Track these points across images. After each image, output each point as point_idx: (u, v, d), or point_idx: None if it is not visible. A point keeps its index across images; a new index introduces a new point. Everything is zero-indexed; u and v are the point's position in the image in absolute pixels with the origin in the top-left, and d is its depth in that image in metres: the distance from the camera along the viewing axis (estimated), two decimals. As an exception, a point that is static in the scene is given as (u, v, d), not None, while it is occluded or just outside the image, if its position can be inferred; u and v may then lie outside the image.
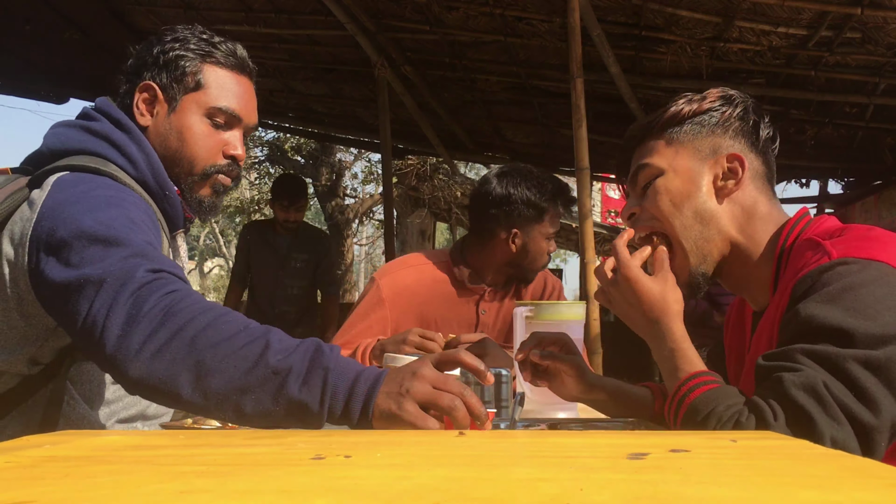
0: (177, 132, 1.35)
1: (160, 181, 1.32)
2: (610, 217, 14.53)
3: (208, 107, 1.37)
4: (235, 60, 1.40)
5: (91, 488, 0.58)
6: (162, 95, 1.36)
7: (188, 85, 1.36)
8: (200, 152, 1.36)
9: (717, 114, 1.26)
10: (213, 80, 1.38)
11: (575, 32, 3.51)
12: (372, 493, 0.55)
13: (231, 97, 1.39)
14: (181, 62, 1.36)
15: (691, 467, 0.64)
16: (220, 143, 1.39)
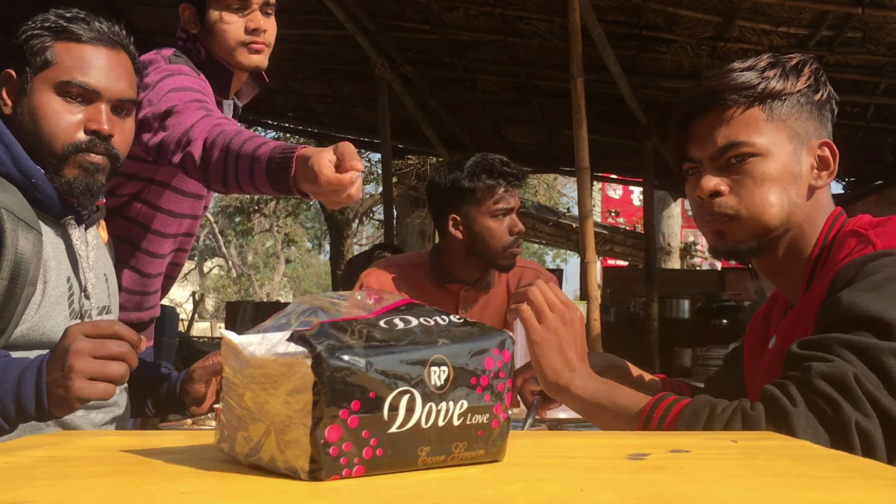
0: (30, 114, 1.30)
1: (23, 170, 1.27)
2: (610, 217, 14.54)
3: (57, 81, 1.30)
4: (93, 33, 1.34)
5: (91, 488, 0.58)
6: (16, 80, 1.32)
7: (37, 64, 1.31)
8: (55, 130, 1.29)
9: (812, 93, 1.13)
10: (63, 55, 1.32)
11: (575, 32, 3.51)
12: (372, 493, 0.55)
13: (85, 70, 1.31)
14: (31, 42, 1.32)
15: (691, 467, 0.64)
16: (80, 120, 1.31)
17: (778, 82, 1.12)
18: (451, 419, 0.61)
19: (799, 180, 1.12)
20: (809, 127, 1.14)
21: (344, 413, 0.57)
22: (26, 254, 1.23)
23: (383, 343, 0.61)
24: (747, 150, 1.11)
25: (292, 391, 0.58)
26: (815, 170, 1.14)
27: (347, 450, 0.57)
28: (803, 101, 1.13)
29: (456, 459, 0.63)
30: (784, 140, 1.12)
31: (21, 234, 1.23)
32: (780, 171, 1.11)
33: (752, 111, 1.12)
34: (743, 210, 1.11)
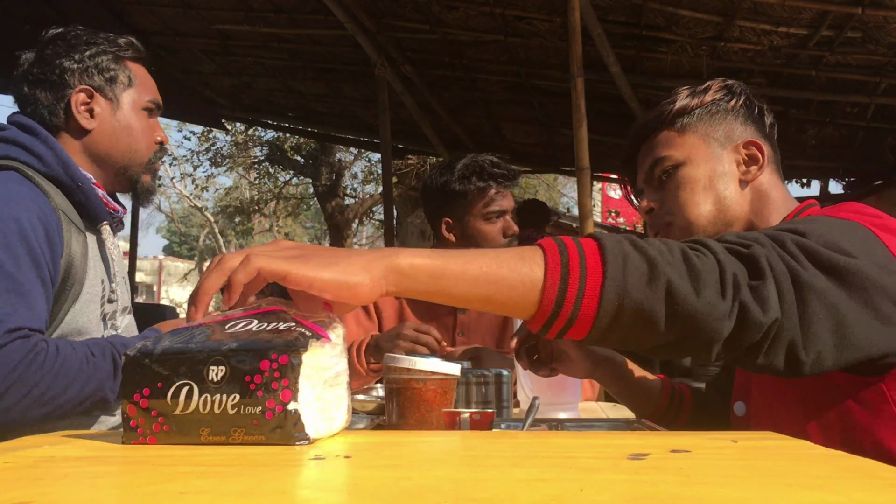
0: (125, 128, 1.47)
1: (71, 174, 1.37)
2: (610, 217, 14.54)
3: (144, 101, 1.49)
4: (139, 53, 1.53)
5: (91, 488, 0.58)
6: (100, 96, 1.45)
7: (123, 83, 1.47)
8: (143, 144, 1.48)
9: (724, 102, 1.25)
10: (138, 74, 1.51)
11: (575, 32, 3.51)
12: (372, 493, 0.55)
13: (151, 88, 1.52)
14: (106, 63, 1.46)
15: (691, 468, 0.64)
16: (153, 132, 1.51)
17: (682, 102, 1.25)
18: (225, 408, 0.76)
19: (725, 177, 1.21)
20: (728, 130, 1.23)
21: (137, 396, 0.78)
22: (77, 255, 1.34)
23: (182, 346, 0.78)
24: (667, 163, 1.23)
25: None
26: (742, 166, 1.22)
27: (142, 423, 0.77)
28: (714, 110, 1.24)
29: (237, 441, 0.76)
30: (699, 146, 1.22)
31: (74, 236, 1.35)
32: (702, 174, 1.21)
33: (665, 132, 1.26)
34: (675, 217, 1.21)
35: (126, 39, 1.51)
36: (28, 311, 1.20)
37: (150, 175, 1.52)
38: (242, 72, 6.00)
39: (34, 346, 1.17)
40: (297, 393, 0.76)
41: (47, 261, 1.26)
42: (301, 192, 16.48)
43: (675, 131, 1.25)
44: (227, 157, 13.31)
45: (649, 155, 1.27)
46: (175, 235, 31.86)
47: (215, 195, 19.07)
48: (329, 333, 0.82)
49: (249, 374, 0.76)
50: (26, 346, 1.16)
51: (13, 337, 1.16)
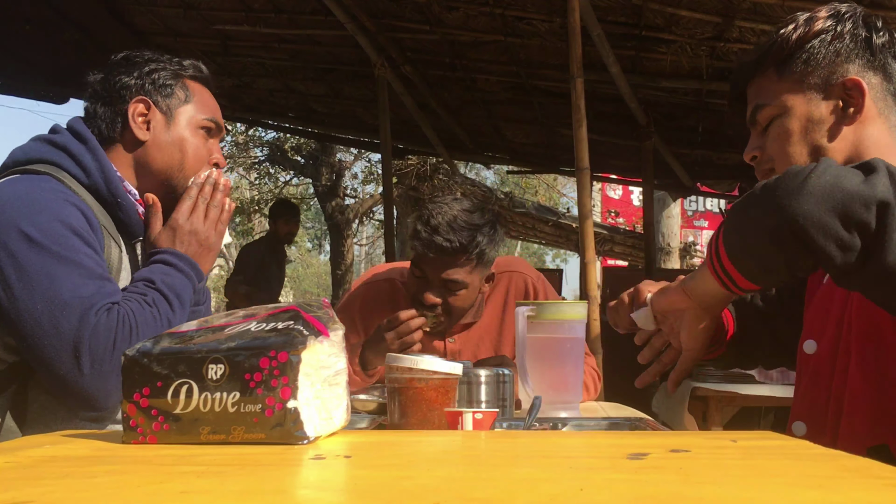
0: (178, 143, 1.46)
1: (112, 189, 1.39)
2: (610, 217, 14.54)
3: (202, 118, 1.49)
4: (204, 75, 1.53)
5: (91, 488, 0.58)
6: (156, 109, 1.46)
7: (180, 98, 1.47)
8: (196, 162, 1.47)
9: (829, 36, 1.18)
10: (197, 93, 1.50)
11: (575, 32, 3.51)
12: (372, 493, 0.55)
13: (213, 109, 1.52)
14: (165, 80, 1.47)
15: (691, 467, 0.64)
16: (209, 152, 1.50)
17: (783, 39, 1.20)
18: (225, 406, 0.76)
19: (822, 125, 1.17)
20: (829, 70, 1.18)
21: (136, 396, 0.78)
22: (113, 266, 1.37)
23: (181, 345, 0.79)
24: (766, 112, 1.21)
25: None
26: (839, 111, 1.17)
27: (141, 422, 0.78)
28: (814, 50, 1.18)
29: (237, 439, 0.76)
30: (797, 93, 1.19)
31: (112, 247, 1.38)
32: (797, 125, 1.18)
33: (765, 76, 1.22)
34: (776, 165, 1.20)
35: (190, 61, 1.52)
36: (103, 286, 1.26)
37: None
38: (243, 72, 6.00)
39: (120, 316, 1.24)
40: (297, 391, 0.76)
41: (95, 246, 1.31)
42: (301, 193, 16.47)
43: (776, 75, 1.20)
44: (228, 157, 13.32)
45: (752, 99, 1.24)
46: (175, 236, 31.77)
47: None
48: (328, 331, 0.82)
49: (249, 372, 0.76)
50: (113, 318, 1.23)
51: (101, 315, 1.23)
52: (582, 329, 1.65)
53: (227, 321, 0.85)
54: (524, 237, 11.82)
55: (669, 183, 7.11)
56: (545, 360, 1.60)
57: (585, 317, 1.65)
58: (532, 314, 1.60)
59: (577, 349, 1.63)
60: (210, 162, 1.50)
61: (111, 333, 1.22)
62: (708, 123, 5.69)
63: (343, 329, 0.86)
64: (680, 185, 6.88)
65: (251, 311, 0.87)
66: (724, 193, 7.54)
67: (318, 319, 0.82)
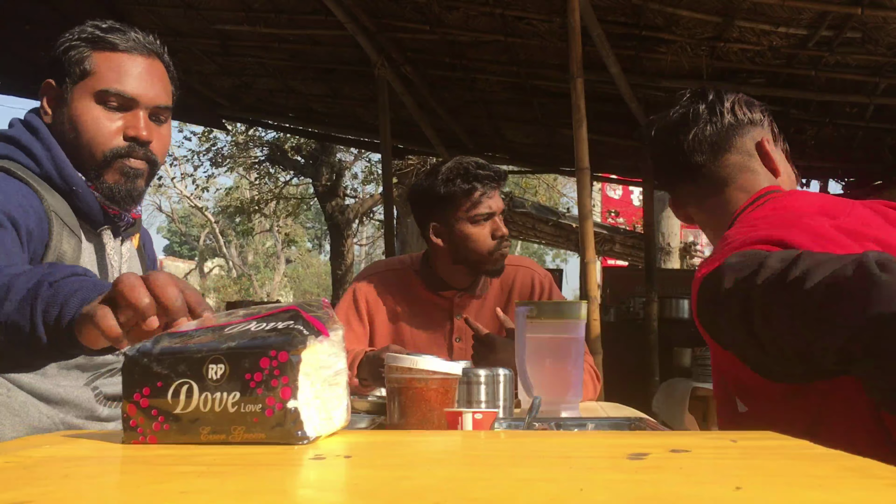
0: (70, 122, 1.35)
1: (64, 176, 1.32)
2: (610, 217, 14.54)
3: (96, 91, 1.35)
4: (129, 42, 1.38)
5: (91, 488, 0.58)
6: (56, 91, 1.37)
7: (76, 74, 1.36)
8: (96, 137, 1.35)
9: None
10: (101, 64, 1.36)
11: (575, 32, 3.51)
12: (372, 493, 0.55)
13: (123, 78, 1.36)
14: (70, 53, 1.37)
15: (691, 467, 0.64)
16: (120, 127, 1.36)
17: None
18: (225, 406, 0.76)
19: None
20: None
21: (136, 396, 0.78)
22: (66, 256, 1.29)
23: (181, 345, 0.79)
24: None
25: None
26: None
27: (141, 423, 0.78)
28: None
29: (237, 439, 0.76)
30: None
31: (65, 237, 1.29)
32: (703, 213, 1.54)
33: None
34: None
35: (121, 29, 1.38)
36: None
37: (114, 174, 1.35)
38: (243, 72, 6.00)
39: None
40: (297, 391, 0.76)
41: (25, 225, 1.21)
42: (301, 192, 16.48)
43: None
44: (228, 157, 13.31)
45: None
46: (176, 235, 31.86)
47: (216, 195, 19.07)
48: (329, 331, 0.82)
49: (249, 372, 0.76)
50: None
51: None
52: (582, 329, 1.65)
53: (227, 321, 0.85)
54: (524, 237, 11.82)
55: (669, 183, 7.09)
56: (545, 360, 1.60)
57: (585, 317, 1.65)
58: (532, 314, 1.60)
59: (577, 349, 1.63)
60: (126, 136, 1.36)
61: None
62: (708, 123, 5.69)
63: (343, 329, 0.86)
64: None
65: (251, 311, 0.87)
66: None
67: (319, 319, 0.82)
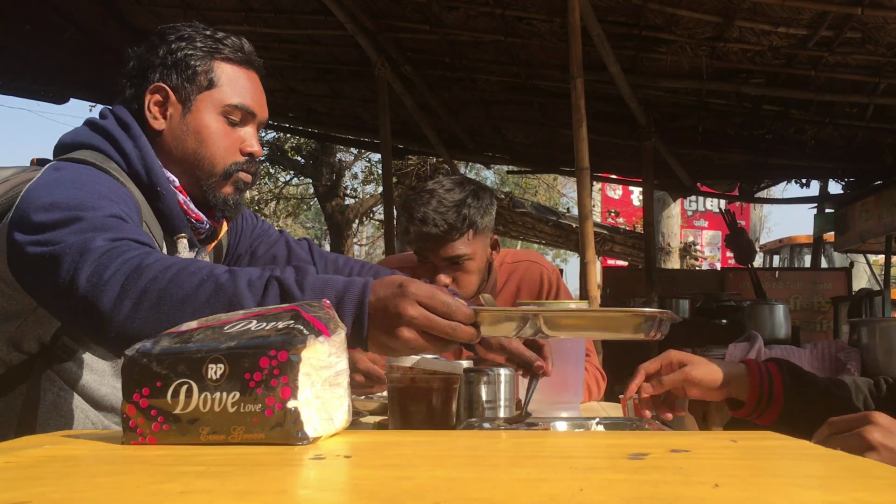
0: (194, 133, 1.34)
1: (152, 177, 1.30)
2: (610, 217, 14.54)
3: (224, 105, 1.35)
4: (244, 55, 1.39)
5: (91, 488, 0.58)
6: (174, 97, 1.35)
7: (201, 84, 1.35)
8: (219, 151, 1.35)
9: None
10: (224, 76, 1.36)
11: (575, 32, 3.51)
12: (372, 493, 0.55)
13: (244, 93, 1.38)
14: (191, 61, 1.35)
15: (691, 467, 0.64)
16: (238, 141, 1.37)
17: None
18: (225, 406, 0.76)
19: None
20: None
21: (136, 396, 0.78)
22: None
23: (180, 345, 0.79)
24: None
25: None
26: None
27: (141, 423, 0.78)
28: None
29: (237, 439, 0.76)
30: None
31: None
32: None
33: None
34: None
35: (232, 39, 1.38)
36: (132, 229, 1.13)
37: (229, 187, 1.37)
38: (242, 72, 6.00)
39: (144, 252, 1.08)
40: (297, 390, 0.76)
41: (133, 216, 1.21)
42: (301, 193, 16.47)
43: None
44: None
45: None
46: (175, 236, 31.82)
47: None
48: (329, 331, 0.82)
49: (249, 372, 0.76)
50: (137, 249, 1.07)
51: (119, 243, 1.08)
52: (582, 329, 1.65)
53: (226, 320, 0.84)
54: (524, 237, 11.81)
55: (669, 183, 7.10)
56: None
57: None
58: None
59: (577, 349, 1.63)
60: (243, 151, 1.37)
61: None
62: (708, 123, 5.69)
63: (345, 329, 0.86)
64: (680, 185, 6.87)
65: (251, 311, 0.87)
66: (723, 193, 7.53)
67: (319, 319, 0.82)
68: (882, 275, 9.06)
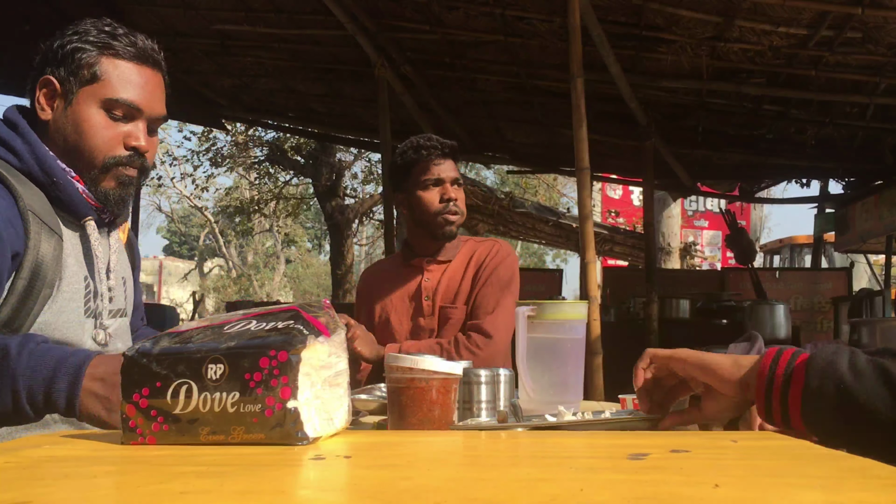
0: (73, 125, 1.36)
1: (46, 169, 1.33)
2: (610, 217, 14.54)
3: (104, 98, 1.36)
4: (135, 51, 1.39)
5: (91, 488, 0.58)
6: (60, 89, 1.37)
7: (84, 77, 1.36)
8: (98, 144, 1.36)
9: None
10: (110, 71, 1.37)
11: (575, 32, 3.51)
12: (372, 493, 0.55)
13: (130, 88, 1.38)
14: (78, 54, 1.37)
15: (691, 467, 0.64)
16: (120, 135, 1.38)
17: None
18: (225, 406, 0.76)
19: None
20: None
21: (136, 396, 0.78)
22: (46, 258, 1.29)
23: (180, 345, 0.79)
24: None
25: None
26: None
27: (140, 423, 0.78)
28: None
29: (237, 440, 0.76)
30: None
31: (44, 237, 1.29)
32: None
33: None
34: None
35: (128, 36, 1.39)
36: None
37: (110, 181, 1.38)
38: (242, 72, 6.00)
39: None
40: (297, 391, 0.76)
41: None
42: (301, 192, 16.47)
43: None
44: (228, 157, 13.31)
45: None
46: (175, 235, 31.87)
47: (215, 195, 19.06)
48: (329, 331, 0.82)
49: (249, 372, 0.76)
50: None
51: None
52: (582, 329, 1.65)
53: (226, 320, 0.84)
54: (524, 237, 11.81)
55: (669, 183, 7.11)
56: (545, 360, 1.60)
57: (586, 317, 1.65)
58: (532, 314, 1.60)
59: (577, 349, 1.63)
60: (126, 145, 1.37)
61: None
62: (708, 123, 5.69)
63: (345, 330, 0.86)
64: (680, 185, 6.88)
65: (251, 311, 0.87)
66: (724, 193, 7.54)
67: (319, 319, 0.82)
68: (882, 275, 9.06)
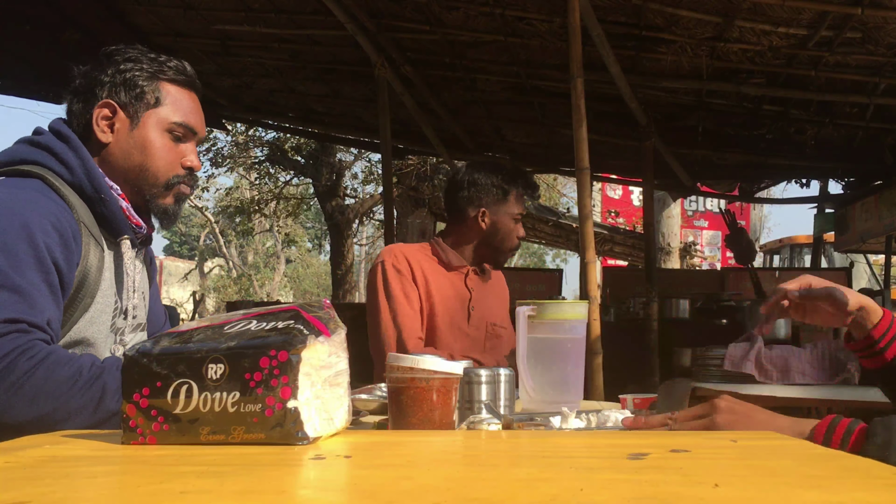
0: (140, 147, 1.47)
1: (96, 185, 1.40)
2: (610, 217, 14.54)
3: (169, 122, 1.49)
4: (186, 78, 1.53)
5: (91, 488, 0.58)
6: (122, 113, 1.46)
7: (148, 102, 1.48)
8: (163, 164, 1.48)
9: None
10: (169, 96, 1.50)
11: (575, 32, 3.51)
12: (372, 493, 0.55)
13: (187, 112, 1.51)
14: (138, 80, 1.47)
15: (691, 467, 0.64)
16: (180, 156, 1.50)
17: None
18: (225, 406, 0.76)
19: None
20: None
21: (136, 396, 0.78)
22: (92, 269, 1.36)
23: (180, 345, 0.79)
24: None
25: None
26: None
27: (141, 423, 0.78)
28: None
29: (237, 439, 0.76)
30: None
31: (91, 248, 1.37)
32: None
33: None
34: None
35: (175, 62, 1.52)
36: (29, 308, 1.20)
37: (170, 198, 1.50)
38: (243, 72, 5.99)
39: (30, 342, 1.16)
40: (297, 390, 0.76)
41: (60, 266, 1.27)
42: (301, 193, 16.46)
43: None
44: (228, 157, 13.30)
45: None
46: (175, 235, 31.89)
47: (216, 195, 19.06)
48: (329, 331, 0.82)
49: (249, 372, 0.76)
50: (22, 339, 1.16)
51: (10, 329, 1.16)
52: (582, 329, 1.65)
53: (227, 320, 0.84)
54: (524, 237, 11.82)
55: (669, 183, 7.11)
56: (545, 360, 1.60)
57: (586, 317, 1.65)
58: (533, 314, 1.60)
59: (577, 349, 1.63)
60: (183, 165, 1.49)
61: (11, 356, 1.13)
62: (708, 123, 5.69)
63: (345, 329, 0.86)
64: (680, 185, 6.88)
65: (251, 311, 0.87)
66: (724, 193, 7.54)
67: (319, 319, 0.82)
68: (882, 275, 9.06)
